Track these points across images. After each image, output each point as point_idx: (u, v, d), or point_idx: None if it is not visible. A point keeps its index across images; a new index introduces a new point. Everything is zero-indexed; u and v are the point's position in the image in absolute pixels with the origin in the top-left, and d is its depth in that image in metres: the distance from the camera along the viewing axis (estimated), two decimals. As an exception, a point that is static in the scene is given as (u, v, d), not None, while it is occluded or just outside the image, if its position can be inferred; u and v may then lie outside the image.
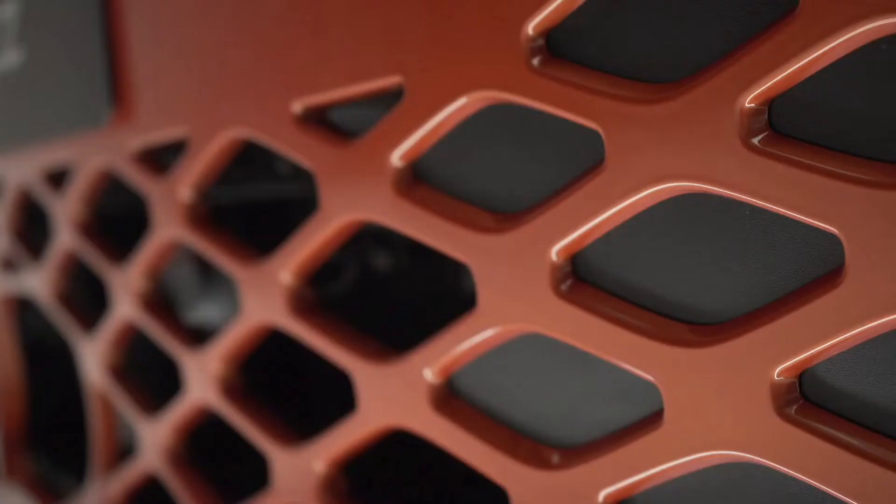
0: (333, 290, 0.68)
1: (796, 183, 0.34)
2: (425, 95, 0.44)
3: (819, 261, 0.35)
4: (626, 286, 0.40)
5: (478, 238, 0.43)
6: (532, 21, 0.40)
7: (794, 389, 0.36)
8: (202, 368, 0.62)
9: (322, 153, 0.50)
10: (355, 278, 0.68)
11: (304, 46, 0.50)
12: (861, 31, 0.32)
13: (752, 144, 0.35)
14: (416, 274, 0.69)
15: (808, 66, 0.34)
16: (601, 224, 0.39)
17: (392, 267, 0.70)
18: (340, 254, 0.69)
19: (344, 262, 0.68)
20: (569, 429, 0.43)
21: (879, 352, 0.34)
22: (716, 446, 0.38)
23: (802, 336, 0.35)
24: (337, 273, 0.67)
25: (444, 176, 0.46)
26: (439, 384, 0.47)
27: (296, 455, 0.55)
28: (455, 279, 0.64)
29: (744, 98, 0.35)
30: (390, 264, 0.70)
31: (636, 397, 0.40)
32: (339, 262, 0.68)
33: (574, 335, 0.41)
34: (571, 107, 0.39)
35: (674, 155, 0.37)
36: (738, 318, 0.37)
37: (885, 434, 0.34)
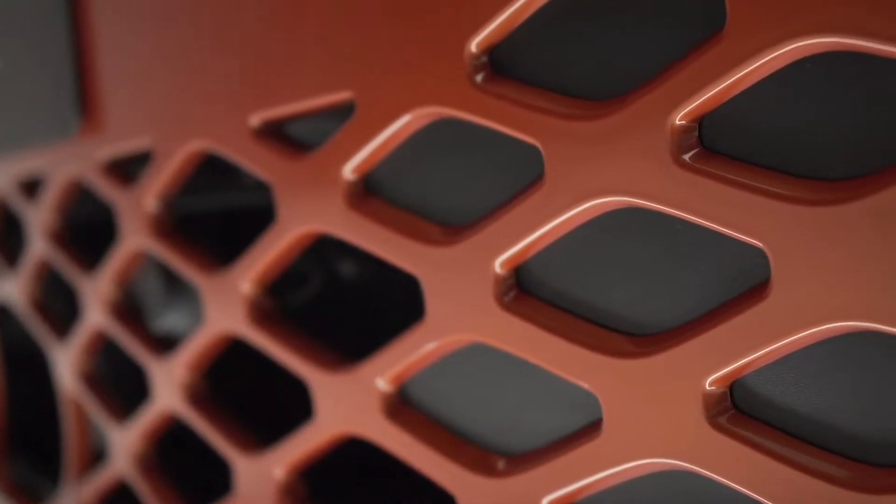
0: (298, 298, 0.68)
1: (724, 198, 0.35)
2: (374, 110, 0.44)
3: (748, 274, 0.35)
4: (568, 298, 0.40)
5: (426, 250, 0.44)
6: (475, 39, 0.40)
7: (725, 399, 0.36)
8: (168, 376, 0.62)
9: (278, 166, 0.50)
10: (320, 287, 0.68)
11: (260, 61, 0.50)
12: (785, 50, 0.33)
13: (683, 161, 0.35)
14: (381, 282, 0.70)
15: (735, 84, 0.34)
16: (541, 237, 0.40)
17: (358, 275, 0.70)
18: (306, 262, 0.70)
19: (309, 271, 0.68)
20: (514, 437, 0.43)
21: (805, 363, 0.35)
22: (652, 455, 0.38)
23: (732, 347, 0.35)
24: (302, 281, 0.67)
25: (395, 189, 0.46)
26: (391, 392, 0.47)
27: (256, 461, 0.56)
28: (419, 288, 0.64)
29: (674, 115, 0.35)
30: (356, 273, 0.70)
31: (578, 406, 0.41)
32: (305, 271, 0.68)
33: (517, 346, 0.41)
34: (512, 123, 0.40)
35: (609, 170, 0.37)
36: (672, 329, 0.37)
37: (810, 442, 0.35)
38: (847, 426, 0.34)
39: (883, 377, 0.33)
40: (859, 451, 0.34)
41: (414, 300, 0.45)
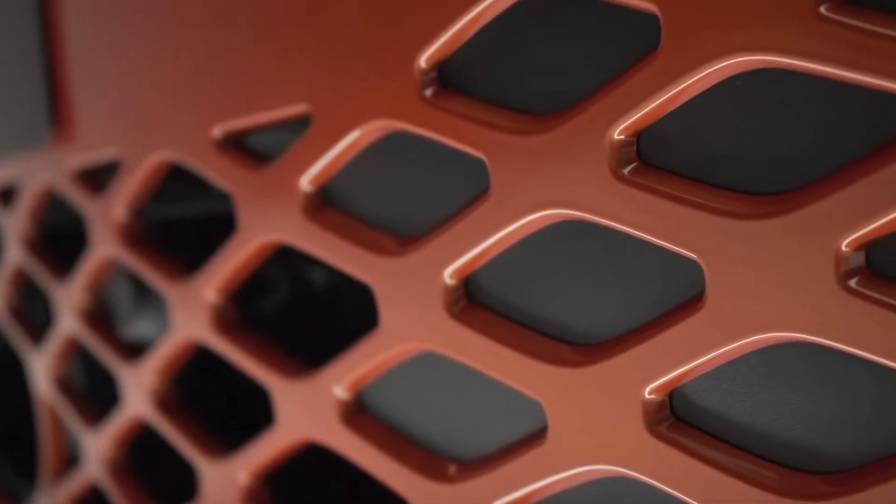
0: (266, 306, 0.69)
1: (661, 212, 0.35)
2: (329, 123, 0.45)
3: (685, 286, 0.36)
4: (515, 308, 0.41)
5: (379, 260, 0.44)
6: (424, 54, 0.41)
7: (664, 408, 0.37)
8: (137, 382, 0.62)
9: (239, 177, 0.50)
10: (288, 294, 0.69)
11: (222, 73, 0.51)
12: (717, 68, 0.33)
13: (622, 175, 0.36)
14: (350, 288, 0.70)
15: (669, 101, 0.35)
16: (488, 249, 0.40)
17: (327, 281, 0.71)
18: (275, 269, 0.70)
19: (277, 278, 0.69)
20: (466, 443, 0.44)
21: (740, 372, 0.35)
22: (595, 461, 0.39)
23: (669, 357, 0.36)
24: (270, 289, 0.68)
25: (351, 200, 0.46)
26: (348, 400, 0.48)
27: (221, 466, 0.56)
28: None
29: (613, 130, 0.36)
30: (325, 279, 0.71)
31: (526, 414, 0.41)
32: (273, 278, 0.69)
33: (466, 355, 0.42)
34: (459, 136, 0.40)
35: (551, 184, 0.38)
36: (614, 339, 0.38)
37: (745, 449, 0.35)
38: (779, 434, 0.35)
39: (811, 387, 0.34)
40: (791, 458, 0.35)
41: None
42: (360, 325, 0.47)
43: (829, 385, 0.34)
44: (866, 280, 0.32)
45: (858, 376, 0.33)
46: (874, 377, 0.33)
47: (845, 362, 0.33)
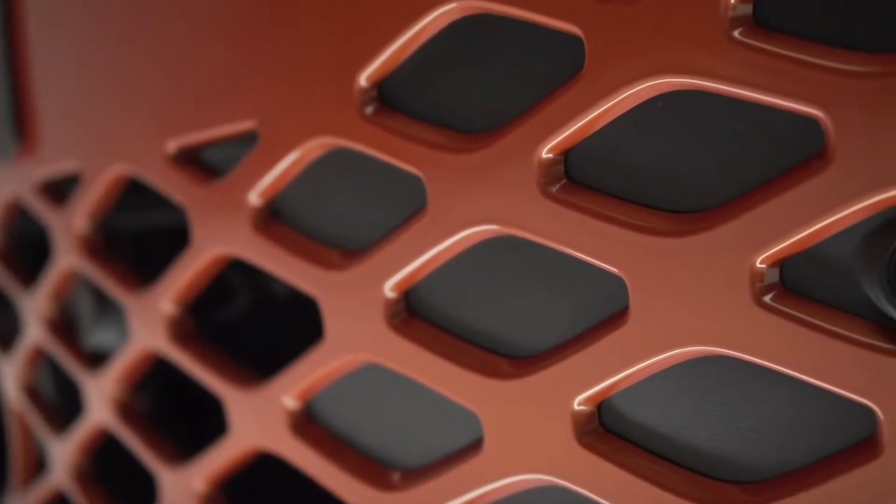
0: (227, 315, 0.69)
1: (587, 229, 0.36)
2: (275, 140, 0.45)
3: (612, 300, 0.37)
4: (453, 321, 0.42)
5: (324, 274, 0.45)
6: (365, 72, 0.41)
7: (593, 419, 0.38)
8: (99, 391, 0.63)
9: (192, 191, 0.51)
10: (249, 303, 0.69)
11: (176, 88, 0.51)
12: (637, 89, 0.34)
13: (550, 192, 0.37)
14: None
15: (594, 121, 0.35)
16: (426, 264, 0.41)
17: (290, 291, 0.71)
18: (236, 278, 0.71)
19: (238, 288, 0.69)
20: (409, 452, 0.45)
21: (664, 385, 0.36)
22: (528, 471, 0.39)
23: (597, 370, 0.37)
24: (231, 298, 0.68)
25: (299, 214, 0.47)
26: (297, 409, 0.48)
27: (179, 474, 0.57)
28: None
29: (541, 149, 0.36)
30: (287, 289, 0.71)
31: (464, 424, 0.42)
32: (234, 287, 0.69)
33: (406, 366, 0.42)
34: (398, 154, 0.41)
35: (484, 201, 0.38)
36: (546, 352, 0.39)
37: (669, 459, 0.36)
38: (702, 444, 0.35)
39: (731, 399, 0.35)
40: (712, 468, 0.35)
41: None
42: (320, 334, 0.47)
43: (748, 397, 0.34)
44: (781, 296, 0.33)
45: (775, 389, 0.34)
46: (789, 390, 0.34)
47: (763, 375, 0.34)
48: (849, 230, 0.32)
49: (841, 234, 0.32)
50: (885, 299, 0.31)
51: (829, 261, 0.32)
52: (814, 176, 0.31)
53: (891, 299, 0.31)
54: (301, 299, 0.48)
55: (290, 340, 0.52)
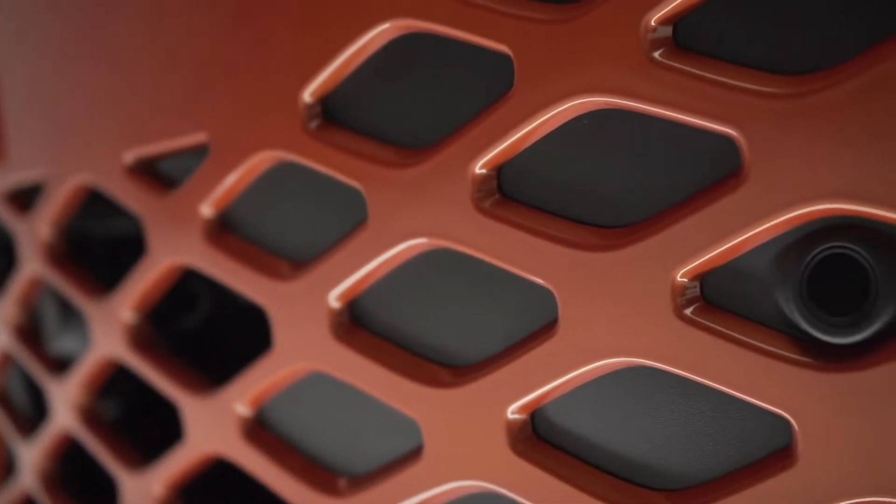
0: (190, 322, 0.69)
1: (518, 243, 0.36)
2: (225, 152, 0.46)
3: (544, 312, 0.37)
4: (395, 330, 0.42)
5: (273, 284, 0.45)
6: (308, 88, 0.42)
7: (526, 427, 0.38)
8: (63, 396, 0.63)
9: (148, 201, 0.51)
10: (211, 310, 0.69)
11: (133, 101, 0.52)
12: (563, 108, 0.35)
13: (483, 207, 0.37)
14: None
15: (525, 137, 0.36)
16: (368, 275, 0.41)
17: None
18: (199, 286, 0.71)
19: (201, 294, 0.69)
20: (355, 459, 0.45)
21: (594, 394, 0.36)
22: (465, 477, 0.40)
23: (529, 379, 0.37)
24: (193, 305, 0.69)
25: (250, 225, 0.47)
26: (249, 416, 0.49)
27: (138, 478, 0.57)
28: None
29: (474, 165, 0.37)
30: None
31: (406, 432, 0.42)
32: (197, 294, 0.70)
33: (350, 375, 0.43)
34: (340, 168, 0.41)
35: (421, 214, 0.39)
36: (482, 361, 0.39)
37: (599, 467, 0.37)
38: (629, 453, 0.36)
39: (657, 409, 0.35)
40: (640, 475, 0.36)
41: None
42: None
43: (673, 407, 0.35)
44: (701, 309, 0.33)
45: (698, 400, 0.34)
46: (712, 401, 0.34)
47: (687, 386, 0.34)
48: (765, 246, 0.32)
49: (757, 249, 0.32)
50: (799, 313, 0.31)
51: (747, 276, 0.33)
52: (730, 193, 0.32)
53: (803, 313, 0.31)
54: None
55: (254, 347, 0.52)
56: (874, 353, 0.31)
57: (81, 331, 0.70)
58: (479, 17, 0.36)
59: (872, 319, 0.30)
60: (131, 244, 0.67)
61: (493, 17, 0.36)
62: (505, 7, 0.35)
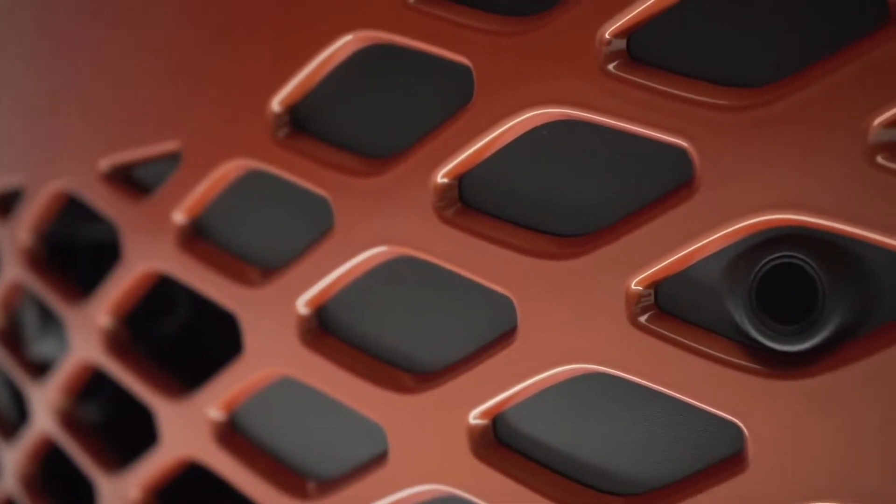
0: (169, 326, 0.70)
1: (479, 251, 0.37)
2: (197, 160, 0.46)
3: (505, 319, 0.37)
4: (362, 337, 0.42)
5: (243, 291, 0.46)
6: (277, 97, 0.42)
7: (488, 432, 0.39)
8: (43, 400, 0.64)
9: (123, 208, 0.52)
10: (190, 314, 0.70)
11: (109, 108, 0.52)
12: (522, 118, 0.35)
13: (445, 216, 0.38)
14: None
15: (485, 147, 0.36)
16: (335, 282, 0.42)
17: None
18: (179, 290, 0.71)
19: (181, 298, 0.70)
20: (323, 463, 0.45)
21: (554, 400, 0.37)
22: (430, 481, 0.40)
23: (489, 386, 0.38)
24: (172, 309, 0.69)
25: (223, 232, 0.48)
26: (222, 420, 0.49)
27: (115, 482, 0.57)
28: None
29: (437, 174, 0.37)
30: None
31: (372, 436, 0.43)
32: (176, 298, 0.70)
33: (318, 380, 0.43)
34: (307, 176, 0.42)
35: (386, 223, 0.39)
36: (445, 368, 0.40)
37: (558, 471, 0.37)
38: (587, 458, 0.36)
39: (614, 414, 0.36)
40: (597, 480, 0.36)
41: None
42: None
43: (630, 413, 0.35)
44: (655, 317, 0.34)
45: (655, 406, 0.35)
46: (667, 407, 0.34)
47: (644, 392, 0.35)
48: (716, 255, 0.33)
49: (709, 258, 0.33)
50: (748, 321, 0.32)
51: (699, 284, 0.33)
52: (682, 203, 0.32)
53: (753, 321, 0.32)
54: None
55: (234, 351, 0.53)
56: (822, 360, 0.31)
57: (61, 335, 0.71)
58: (439, 28, 0.36)
59: (820, 328, 0.31)
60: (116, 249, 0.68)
61: (453, 28, 0.36)
62: (464, 19, 0.36)
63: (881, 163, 0.29)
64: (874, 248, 0.30)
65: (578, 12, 0.33)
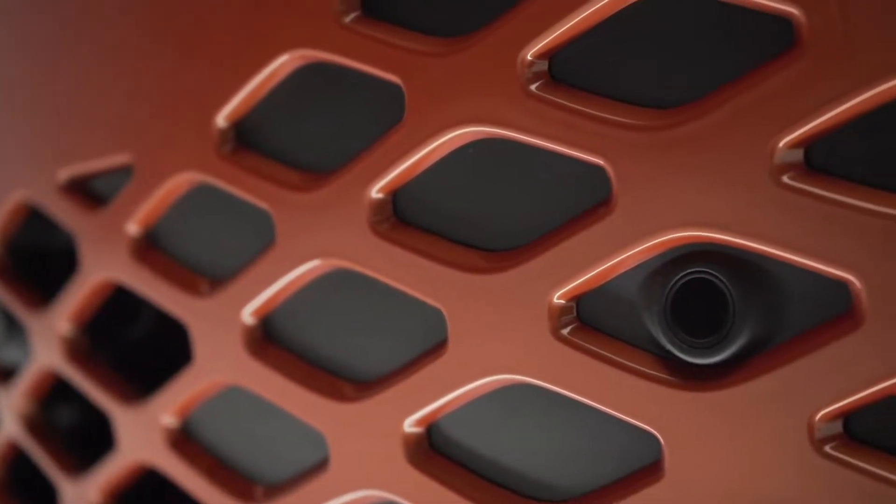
0: (134, 332, 0.70)
1: (411, 265, 0.38)
2: (148, 173, 0.47)
3: (437, 332, 0.38)
4: (305, 346, 0.43)
5: (193, 301, 0.46)
6: (222, 113, 0.43)
7: (422, 440, 0.39)
8: (8, 405, 0.64)
9: (80, 219, 0.52)
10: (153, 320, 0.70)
11: (68, 119, 0.52)
12: (450, 137, 0.36)
13: (379, 231, 0.38)
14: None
15: (416, 164, 0.37)
16: (277, 293, 0.42)
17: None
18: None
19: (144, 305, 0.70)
20: (272, 468, 0.46)
21: (485, 409, 0.38)
22: (370, 487, 0.41)
23: (422, 395, 0.38)
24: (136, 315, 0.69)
25: (175, 244, 0.48)
26: (175, 427, 0.50)
27: (77, 486, 0.58)
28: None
29: (371, 190, 0.38)
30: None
31: (315, 443, 0.43)
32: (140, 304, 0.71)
33: (262, 388, 0.44)
34: (251, 190, 0.42)
35: (324, 236, 0.40)
36: (383, 376, 0.40)
37: (490, 479, 0.38)
38: (518, 466, 0.37)
39: (541, 424, 0.36)
40: (528, 488, 0.37)
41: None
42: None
43: (557, 423, 0.36)
44: (577, 330, 0.35)
45: (580, 416, 0.35)
46: (591, 417, 0.35)
47: (567, 403, 0.35)
48: (634, 270, 0.33)
49: (628, 273, 0.33)
50: (663, 334, 0.33)
51: (619, 298, 0.34)
52: (600, 220, 0.33)
53: (667, 334, 0.32)
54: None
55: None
56: (733, 373, 0.32)
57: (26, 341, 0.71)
58: (372, 48, 0.37)
59: (730, 341, 0.32)
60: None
61: (384, 48, 0.37)
62: (396, 39, 0.37)
63: (787, 182, 0.30)
64: (783, 265, 0.31)
65: (502, 34, 0.34)
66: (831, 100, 0.29)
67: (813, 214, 0.30)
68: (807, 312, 0.31)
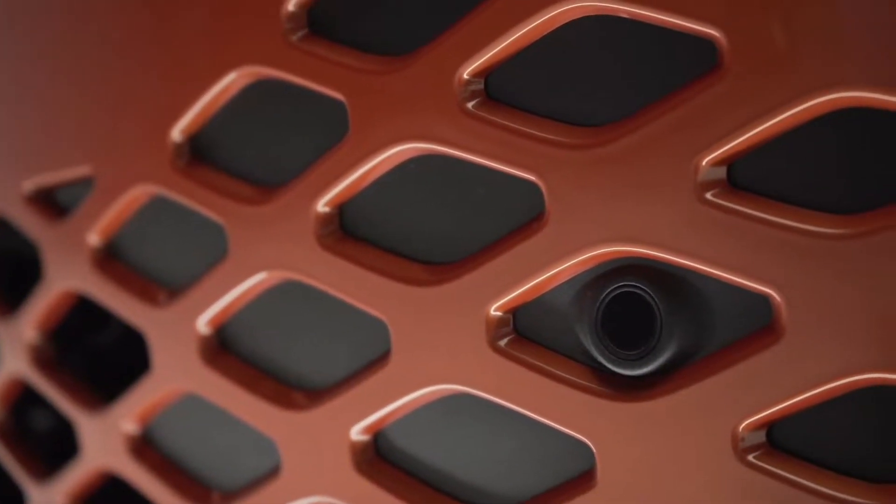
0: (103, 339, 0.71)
1: (356, 277, 0.38)
2: (108, 185, 0.47)
3: (382, 342, 0.39)
4: (258, 356, 0.44)
5: (150, 310, 0.47)
6: (177, 127, 0.43)
7: (369, 448, 0.40)
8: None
9: (44, 229, 0.53)
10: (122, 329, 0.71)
11: (32, 132, 0.53)
12: (390, 153, 0.36)
13: (325, 243, 0.39)
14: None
15: (360, 179, 0.38)
16: (232, 304, 0.43)
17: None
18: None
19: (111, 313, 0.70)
20: (228, 475, 0.47)
21: (429, 418, 0.38)
22: (318, 494, 0.41)
23: (367, 403, 0.39)
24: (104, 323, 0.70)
25: (134, 254, 0.49)
26: (136, 434, 0.50)
27: (44, 491, 0.58)
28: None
29: (318, 203, 0.39)
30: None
31: (267, 450, 0.44)
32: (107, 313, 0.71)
33: (217, 397, 0.44)
34: (204, 203, 0.43)
35: (274, 248, 0.41)
36: (331, 385, 0.41)
37: (434, 486, 0.38)
38: (460, 473, 0.38)
39: (482, 433, 0.37)
40: (471, 495, 0.38)
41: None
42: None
43: (498, 432, 0.37)
44: (513, 341, 0.35)
45: (519, 425, 0.36)
46: (529, 426, 0.36)
47: (506, 413, 0.36)
48: (567, 284, 0.34)
49: (561, 286, 0.34)
50: (594, 346, 0.33)
51: (553, 311, 0.35)
52: (534, 235, 0.34)
53: (598, 346, 0.33)
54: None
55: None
56: (661, 384, 0.32)
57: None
58: (316, 66, 0.38)
59: (658, 353, 0.32)
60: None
61: (328, 66, 0.37)
62: (339, 57, 0.37)
63: (710, 199, 0.30)
64: (708, 280, 0.32)
65: (440, 53, 0.35)
66: (751, 119, 0.29)
67: (735, 230, 0.30)
68: (731, 326, 0.31)
